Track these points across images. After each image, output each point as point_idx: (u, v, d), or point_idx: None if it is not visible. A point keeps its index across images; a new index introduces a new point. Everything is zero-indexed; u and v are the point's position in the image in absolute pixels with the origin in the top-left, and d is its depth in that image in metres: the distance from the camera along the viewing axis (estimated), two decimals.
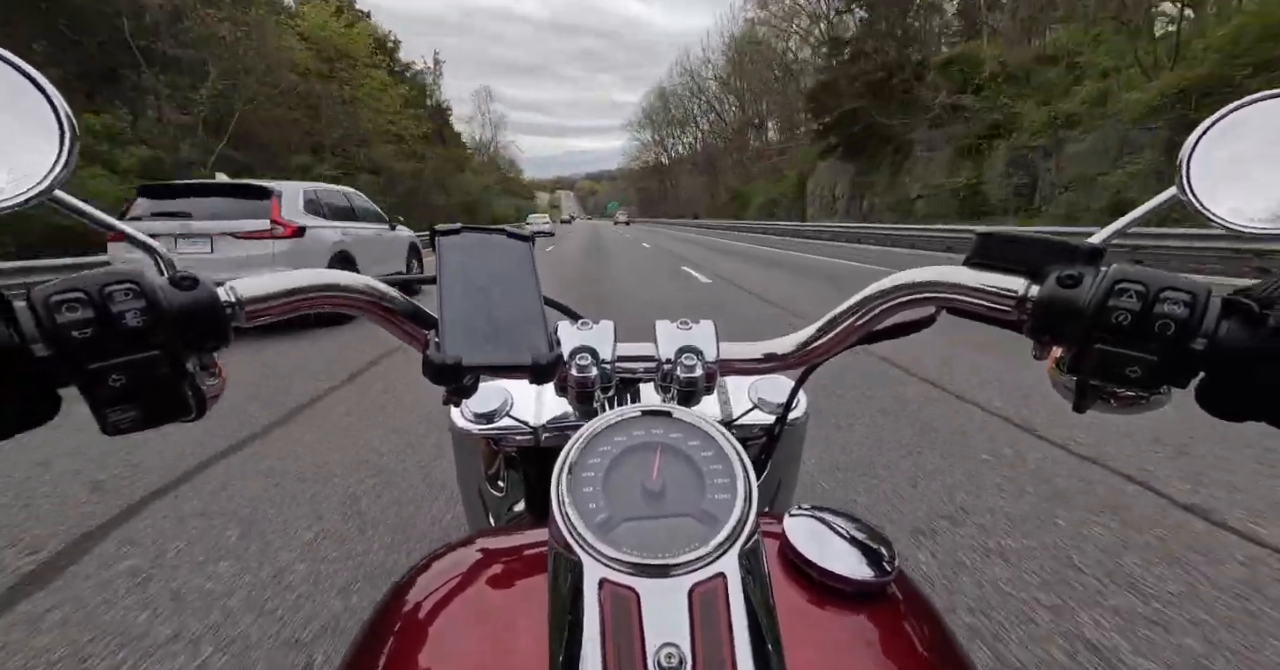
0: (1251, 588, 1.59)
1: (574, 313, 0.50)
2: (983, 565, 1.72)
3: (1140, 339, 0.31)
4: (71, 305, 0.29)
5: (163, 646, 1.45)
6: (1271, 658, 1.36)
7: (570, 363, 0.43)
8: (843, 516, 0.39)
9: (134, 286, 0.30)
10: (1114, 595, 1.58)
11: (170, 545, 1.89)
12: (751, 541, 0.29)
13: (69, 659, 1.42)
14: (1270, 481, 2.15)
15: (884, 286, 0.42)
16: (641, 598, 0.27)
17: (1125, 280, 0.32)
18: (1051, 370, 0.39)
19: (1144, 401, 0.36)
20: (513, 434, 0.63)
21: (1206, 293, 0.31)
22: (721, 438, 0.33)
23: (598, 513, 0.29)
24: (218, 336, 0.34)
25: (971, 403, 3.06)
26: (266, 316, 0.37)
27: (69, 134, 0.31)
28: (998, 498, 2.09)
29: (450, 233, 0.42)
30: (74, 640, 1.48)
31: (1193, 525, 1.89)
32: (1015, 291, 0.37)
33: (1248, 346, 0.30)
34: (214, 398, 0.38)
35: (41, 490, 2.28)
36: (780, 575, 0.36)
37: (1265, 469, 2.24)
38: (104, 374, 0.29)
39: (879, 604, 0.36)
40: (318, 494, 2.23)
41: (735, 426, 0.62)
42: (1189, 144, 0.37)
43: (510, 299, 0.39)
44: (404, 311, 0.42)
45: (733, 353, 0.47)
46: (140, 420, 0.32)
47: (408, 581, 0.40)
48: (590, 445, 0.32)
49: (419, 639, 0.35)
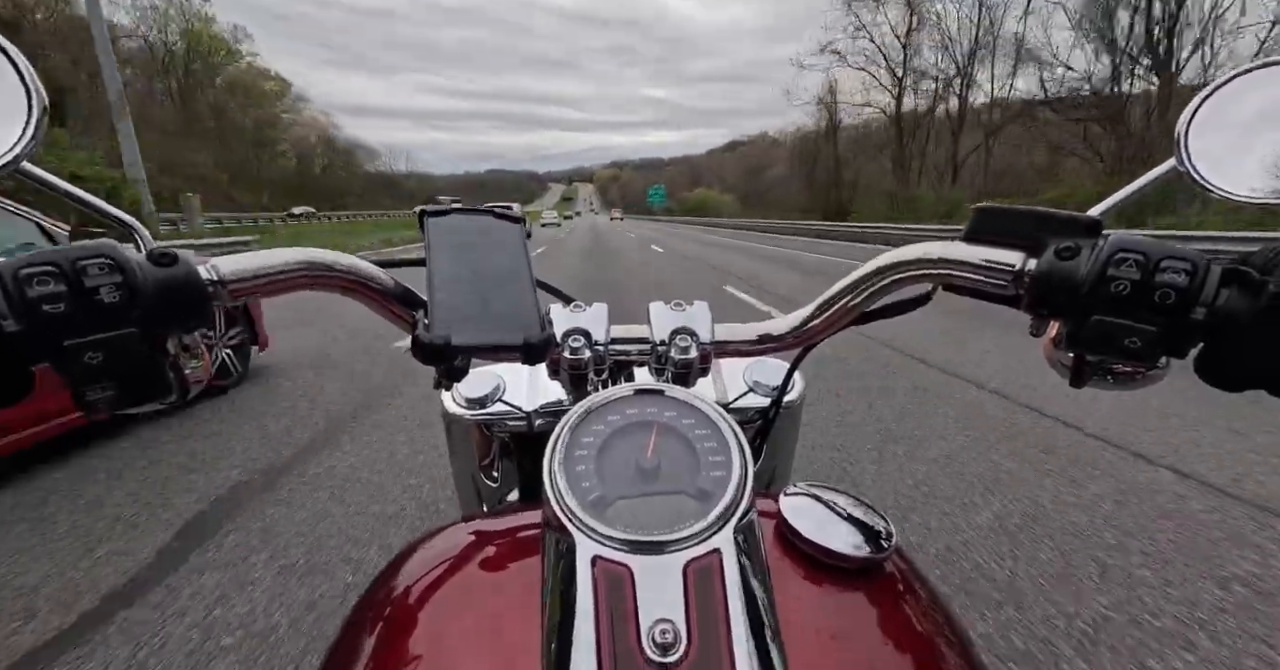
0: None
1: (566, 296, 0.50)
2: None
3: (1139, 310, 0.31)
4: (43, 278, 0.28)
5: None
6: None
7: (563, 345, 0.42)
8: (840, 494, 0.39)
9: (109, 261, 0.29)
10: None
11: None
12: (747, 518, 0.29)
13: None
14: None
15: (879, 264, 0.42)
16: (635, 574, 0.26)
17: (1125, 250, 0.31)
18: (1047, 347, 0.38)
19: (1141, 376, 0.36)
20: (505, 419, 0.62)
21: (1206, 261, 0.31)
22: (716, 415, 0.33)
23: (591, 491, 0.29)
24: (199, 315, 0.33)
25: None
26: (254, 295, 0.36)
27: (37, 104, 0.30)
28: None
29: (440, 213, 0.41)
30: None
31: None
32: (1013, 265, 0.36)
33: (1248, 314, 0.29)
34: (198, 382, 0.37)
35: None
36: (776, 553, 0.36)
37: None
38: (79, 351, 0.28)
39: (876, 580, 0.35)
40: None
41: (731, 409, 0.61)
42: (1185, 116, 0.36)
43: (501, 280, 0.39)
44: (392, 292, 0.41)
45: (727, 334, 0.46)
46: (118, 400, 0.31)
47: (398, 562, 0.39)
48: (583, 424, 0.32)
49: (410, 618, 0.34)
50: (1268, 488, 2.09)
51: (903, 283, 0.42)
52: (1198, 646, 1.38)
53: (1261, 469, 2.24)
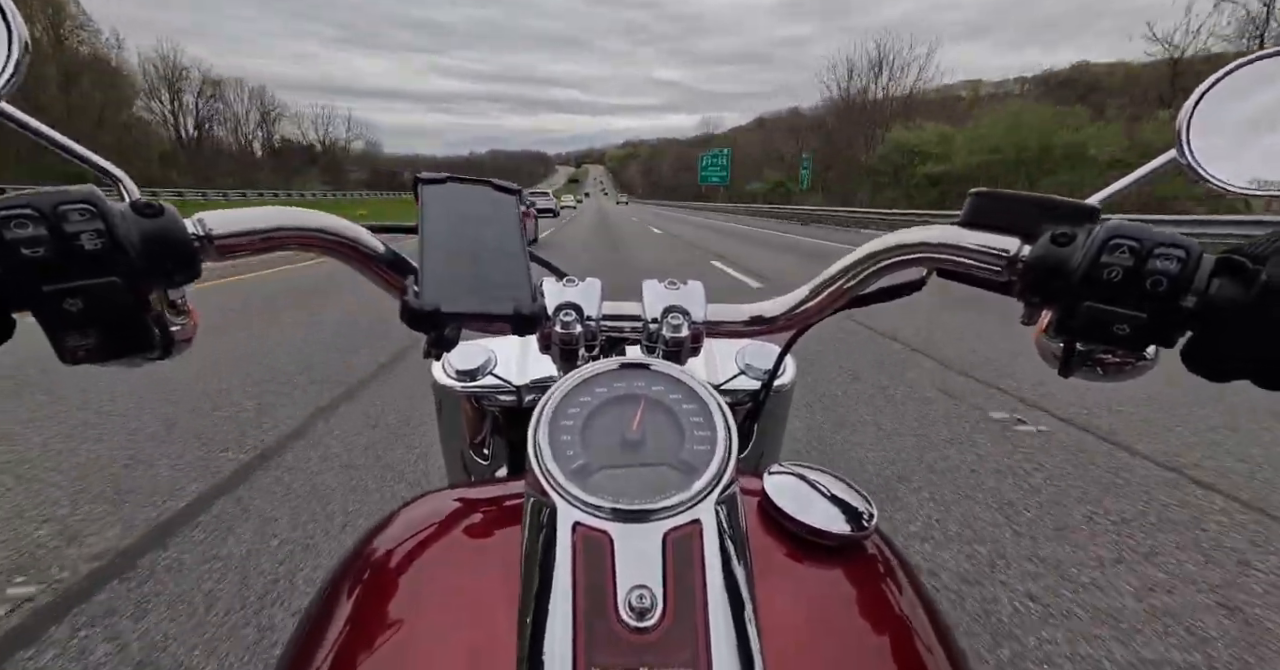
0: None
1: (560, 270, 0.49)
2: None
3: (1130, 297, 0.31)
4: (21, 221, 0.27)
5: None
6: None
7: (554, 319, 0.42)
8: (824, 474, 0.39)
9: (90, 207, 0.28)
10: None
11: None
12: (729, 492, 0.29)
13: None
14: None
15: (874, 248, 0.41)
16: (615, 541, 0.26)
17: (1119, 236, 0.31)
18: (1039, 336, 0.38)
19: (1130, 366, 0.36)
20: (495, 392, 0.62)
21: (1200, 250, 0.31)
22: (702, 390, 0.33)
23: (575, 459, 0.29)
24: (184, 269, 0.33)
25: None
26: (240, 252, 0.36)
27: (18, 42, 0.29)
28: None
29: (434, 181, 0.41)
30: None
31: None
32: (1007, 251, 0.36)
33: (1238, 304, 0.29)
34: (185, 340, 0.37)
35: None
36: (758, 528, 0.36)
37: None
38: (58, 297, 0.28)
39: (855, 558, 0.36)
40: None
41: (721, 391, 0.61)
42: (1187, 108, 0.36)
43: (493, 250, 0.38)
44: (383, 257, 0.41)
45: (720, 314, 0.46)
46: (99, 350, 0.30)
47: (379, 527, 0.39)
48: (569, 396, 0.32)
49: (389, 582, 0.34)
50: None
51: (896, 267, 0.41)
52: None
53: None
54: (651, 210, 56.98)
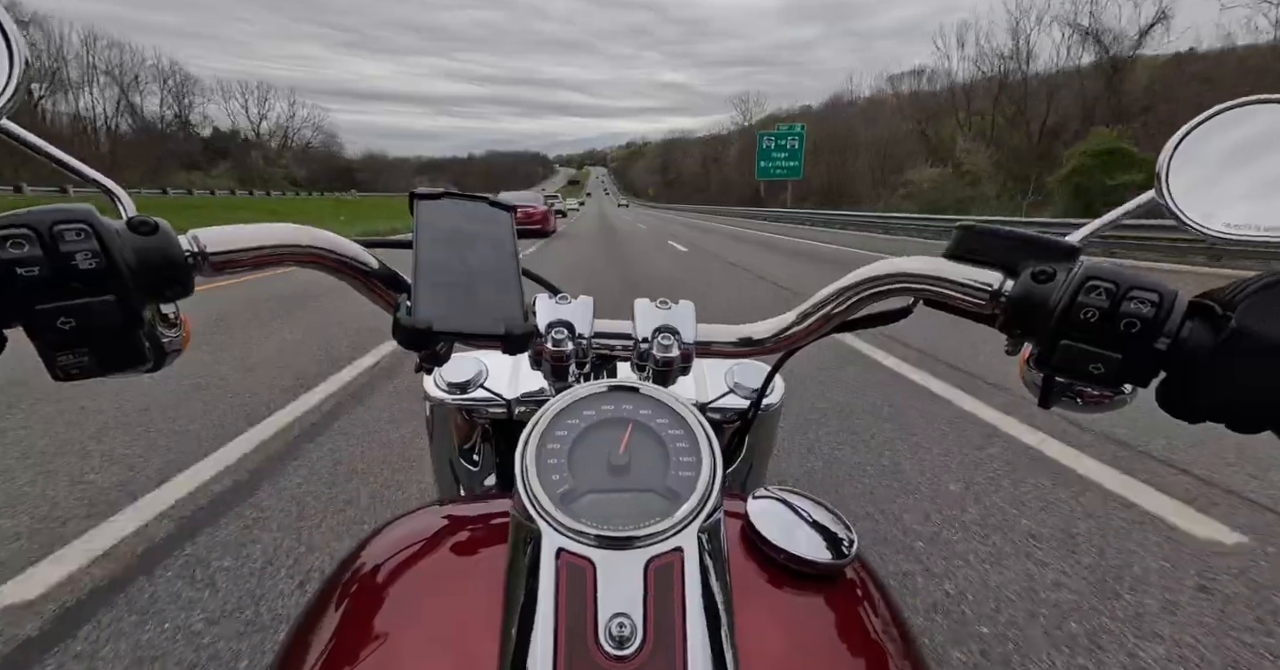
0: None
1: (553, 287, 0.50)
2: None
3: (1106, 337, 0.32)
4: (17, 241, 0.27)
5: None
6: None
7: (546, 336, 0.42)
8: (808, 500, 0.39)
9: (86, 227, 0.28)
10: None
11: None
12: (712, 520, 0.29)
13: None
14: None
15: (863, 276, 0.42)
16: (597, 568, 0.27)
17: (1096, 278, 0.32)
18: (1022, 367, 0.39)
19: (1108, 401, 0.37)
20: (486, 405, 0.62)
21: (1174, 294, 0.31)
22: (689, 416, 0.33)
23: (561, 484, 0.29)
24: (177, 286, 0.33)
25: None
26: (235, 269, 0.36)
27: (19, 60, 0.29)
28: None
29: (430, 197, 0.41)
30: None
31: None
32: (991, 285, 0.37)
33: (1208, 348, 0.30)
34: (176, 351, 0.37)
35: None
36: (740, 555, 0.36)
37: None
38: (51, 315, 0.28)
39: (836, 586, 0.36)
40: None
41: (710, 409, 0.62)
42: (1168, 149, 0.37)
43: (487, 268, 0.39)
44: (377, 273, 0.41)
45: (710, 334, 0.47)
46: (92, 367, 0.30)
47: (366, 542, 0.39)
48: (557, 418, 0.33)
49: (375, 600, 0.34)
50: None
51: (884, 295, 0.42)
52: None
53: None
54: (672, 222, 32.09)
